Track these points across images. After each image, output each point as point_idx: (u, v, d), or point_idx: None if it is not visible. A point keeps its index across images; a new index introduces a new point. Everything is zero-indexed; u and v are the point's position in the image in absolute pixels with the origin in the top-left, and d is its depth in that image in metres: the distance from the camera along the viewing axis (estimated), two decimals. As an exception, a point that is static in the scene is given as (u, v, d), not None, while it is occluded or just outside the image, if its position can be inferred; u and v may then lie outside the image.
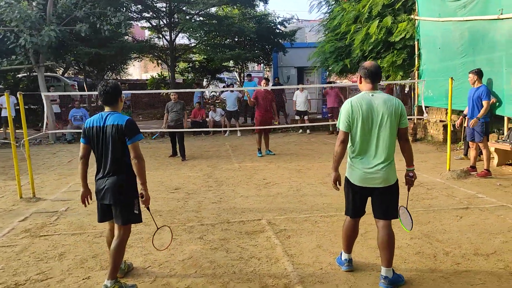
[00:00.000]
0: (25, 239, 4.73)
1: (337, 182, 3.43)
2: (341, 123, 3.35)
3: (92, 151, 3.51)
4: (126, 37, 18.60)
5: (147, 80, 27.27)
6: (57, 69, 21.95)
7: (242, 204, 5.82)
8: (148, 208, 3.51)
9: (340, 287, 3.34)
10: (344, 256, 3.64)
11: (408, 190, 3.51)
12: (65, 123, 14.75)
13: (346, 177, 3.47)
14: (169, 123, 9.52)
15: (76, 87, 19.64)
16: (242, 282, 3.49)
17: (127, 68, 26.99)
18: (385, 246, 3.28)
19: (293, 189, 6.57)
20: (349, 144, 3.40)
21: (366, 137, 3.28)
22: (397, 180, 3.39)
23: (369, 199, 3.45)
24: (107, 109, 3.46)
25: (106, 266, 3.90)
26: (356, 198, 3.42)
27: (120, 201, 3.36)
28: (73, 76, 25.10)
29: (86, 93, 14.63)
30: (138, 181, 3.40)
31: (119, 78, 26.34)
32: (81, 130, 12.10)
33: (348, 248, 3.62)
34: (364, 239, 4.25)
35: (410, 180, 3.43)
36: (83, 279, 3.68)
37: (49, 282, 3.64)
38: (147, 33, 25.76)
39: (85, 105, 18.01)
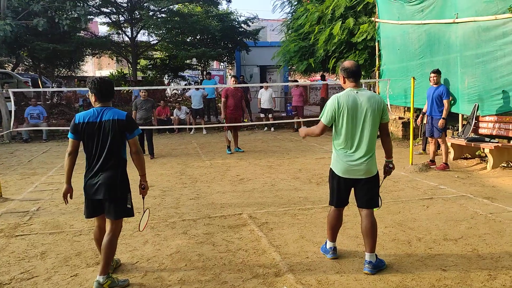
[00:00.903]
0: (0, 239, 4.60)
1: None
2: (325, 117, 3.54)
3: (82, 146, 3.48)
4: (82, 33, 18.03)
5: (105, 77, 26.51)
6: (6, 66, 20.93)
7: (220, 200, 5.93)
8: (143, 197, 3.67)
9: (328, 273, 3.54)
10: (329, 244, 3.84)
11: (384, 178, 3.81)
12: (21, 121, 14.15)
13: (331, 169, 3.68)
14: (138, 121, 9.41)
15: (30, 84, 18.81)
16: (234, 273, 3.61)
17: (83, 65, 26.14)
18: (369, 234, 3.51)
19: (268, 185, 6.74)
20: (334, 138, 3.61)
21: (351, 131, 3.49)
22: (378, 171, 3.64)
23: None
24: (99, 104, 3.44)
25: (92, 263, 3.91)
26: (340, 188, 3.63)
27: (116, 196, 3.39)
28: (23, 72, 24.01)
29: (60, 89, 14.07)
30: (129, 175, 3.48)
31: (73, 75, 25.46)
32: (37, 128, 11.56)
33: (333, 237, 3.82)
34: (343, 228, 4.45)
35: (389, 170, 3.76)
36: (71, 276, 3.66)
37: (36, 281, 3.59)
38: (102, 28, 25.08)
39: (39, 102, 17.32)
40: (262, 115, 14.64)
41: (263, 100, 14.25)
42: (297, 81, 15.88)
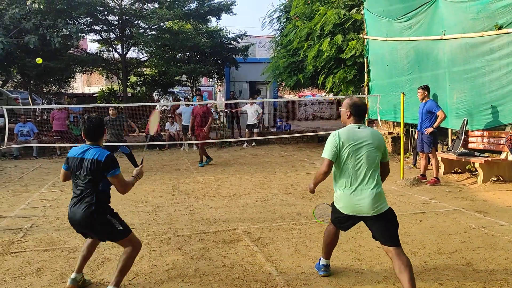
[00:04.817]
0: (-7, 257, 4.53)
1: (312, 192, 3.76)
2: (327, 152, 3.42)
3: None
4: (73, 50, 18.04)
5: (94, 93, 26.52)
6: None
7: (213, 215, 5.92)
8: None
9: (324, 287, 3.55)
10: (323, 261, 3.82)
11: None
12: (10, 138, 13.99)
13: (333, 205, 3.53)
14: (109, 138, 9.68)
15: (20, 101, 18.69)
16: (231, 288, 3.60)
17: (73, 81, 26.09)
18: (407, 271, 3.12)
19: (261, 200, 6.75)
20: (336, 176, 3.48)
21: (353, 167, 3.36)
22: (390, 208, 3.40)
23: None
24: (88, 142, 3.56)
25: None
26: (343, 223, 3.52)
27: (96, 228, 3.46)
28: (12, 89, 23.88)
29: (50, 106, 13.98)
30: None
31: (63, 91, 25.38)
32: (28, 145, 11.59)
33: (327, 254, 3.80)
34: (338, 243, 4.48)
35: None
36: (67, 293, 3.62)
37: (32, 298, 3.55)
38: (91, 45, 25.09)
39: (29, 119, 17.20)
40: (246, 130, 14.72)
41: (248, 116, 14.34)
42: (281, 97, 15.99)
